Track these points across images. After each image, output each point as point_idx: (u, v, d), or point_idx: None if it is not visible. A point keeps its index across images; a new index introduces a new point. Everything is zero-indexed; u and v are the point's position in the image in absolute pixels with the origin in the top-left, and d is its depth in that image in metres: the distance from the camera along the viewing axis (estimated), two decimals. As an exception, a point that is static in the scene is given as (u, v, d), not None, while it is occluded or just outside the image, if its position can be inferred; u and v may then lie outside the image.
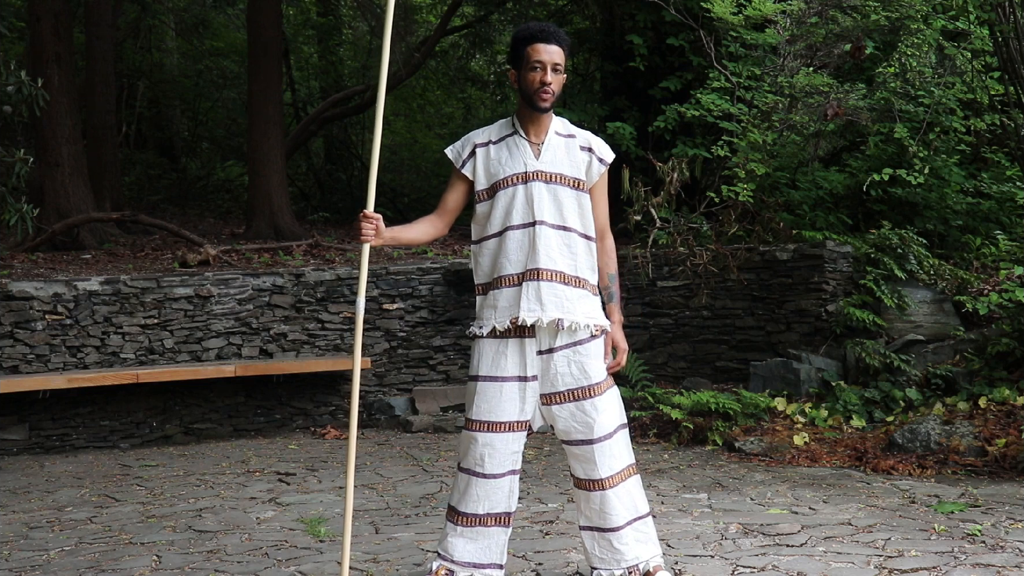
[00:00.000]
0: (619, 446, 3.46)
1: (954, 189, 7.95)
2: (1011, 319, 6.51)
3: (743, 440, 6.32)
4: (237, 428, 7.55)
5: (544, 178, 3.40)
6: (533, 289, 3.35)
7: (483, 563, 3.44)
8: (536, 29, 3.39)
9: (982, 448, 5.64)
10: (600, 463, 3.41)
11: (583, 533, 3.53)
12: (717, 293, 7.69)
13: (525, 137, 3.44)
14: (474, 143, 3.48)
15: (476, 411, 3.41)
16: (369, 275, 8.02)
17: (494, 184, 3.42)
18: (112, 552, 4.33)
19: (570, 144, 3.47)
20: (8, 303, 6.97)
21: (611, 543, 3.45)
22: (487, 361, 3.42)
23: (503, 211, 3.40)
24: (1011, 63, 6.98)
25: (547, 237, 3.37)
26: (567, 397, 3.41)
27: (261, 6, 10.89)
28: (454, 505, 3.47)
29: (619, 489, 3.44)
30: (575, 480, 3.52)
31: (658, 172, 7.77)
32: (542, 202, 3.38)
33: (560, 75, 3.39)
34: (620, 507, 3.44)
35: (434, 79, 16.42)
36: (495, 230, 3.42)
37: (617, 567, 3.47)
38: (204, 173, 16.14)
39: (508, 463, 3.42)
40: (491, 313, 3.42)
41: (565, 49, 3.39)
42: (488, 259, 3.45)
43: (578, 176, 3.45)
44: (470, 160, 3.47)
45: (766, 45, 8.66)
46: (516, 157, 3.41)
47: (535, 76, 3.35)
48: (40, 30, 9.74)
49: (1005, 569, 3.72)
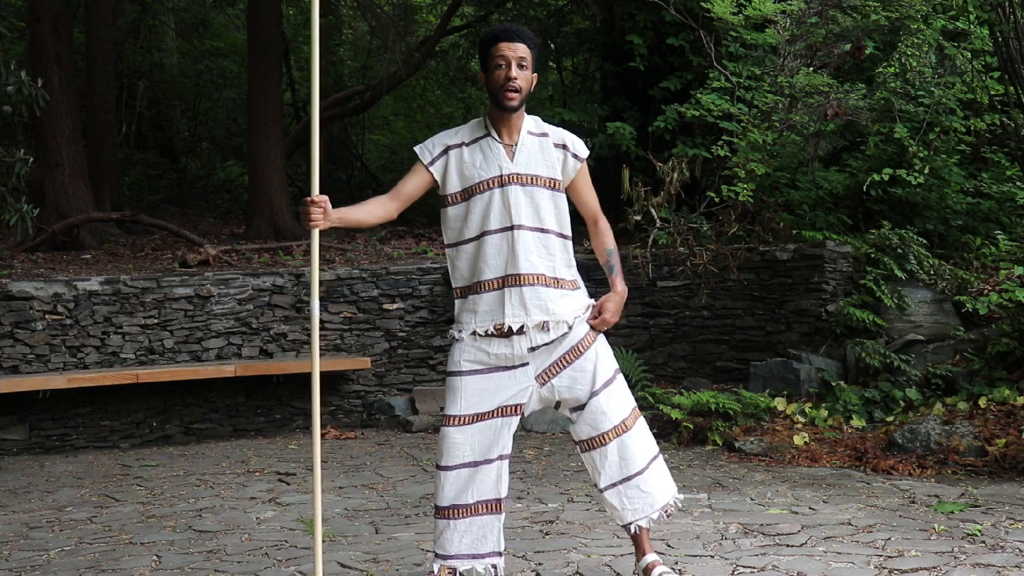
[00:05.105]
0: (621, 390, 3.49)
1: (954, 189, 7.95)
2: (1011, 319, 6.51)
3: (743, 440, 6.33)
4: (237, 428, 7.55)
5: (520, 181, 3.38)
6: (516, 294, 3.36)
7: (482, 553, 3.41)
8: (500, 29, 3.38)
9: (982, 448, 5.64)
10: (609, 411, 3.43)
11: (606, 494, 3.49)
12: (717, 293, 7.69)
13: (498, 139, 3.41)
14: (445, 144, 3.45)
15: (461, 406, 3.39)
16: (369, 275, 8.02)
17: (469, 188, 3.40)
18: (112, 552, 4.33)
19: (543, 143, 3.45)
20: (8, 303, 6.97)
21: (639, 488, 3.45)
22: (469, 356, 3.41)
23: (480, 215, 3.38)
24: (1011, 63, 6.98)
25: (526, 241, 3.36)
26: (560, 365, 3.41)
27: (261, 6, 10.89)
28: (442, 504, 3.42)
29: (632, 432, 3.46)
30: (585, 444, 3.49)
31: (658, 172, 7.77)
32: (519, 206, 3.37)
33: (526, 72, 3.35)
34: (638, 449, 3.47)
35: (434, 79, 16.42)
36: (472, 234, 3.40)
37: (651, 510, 3.48)
38: (204, 173, 16.14)
39: (497, 449, 3.40)
40: (471, 317, 3.42)
41: (532, 47, 3.36)
42: (466, 263, 3.44)
43: (553, 176, 3.44)
44: (440, 160, 3.44)
45: (766, 45, 8.65)
46: (491, 160, 3.39)
47: (500, 73, 3.33)
48: (40, 30, 9.74)
49: (1005, 569, 3.72)
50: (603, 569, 3.89)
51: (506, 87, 3.32)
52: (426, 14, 16.75)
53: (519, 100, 3.35)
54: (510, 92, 3.33)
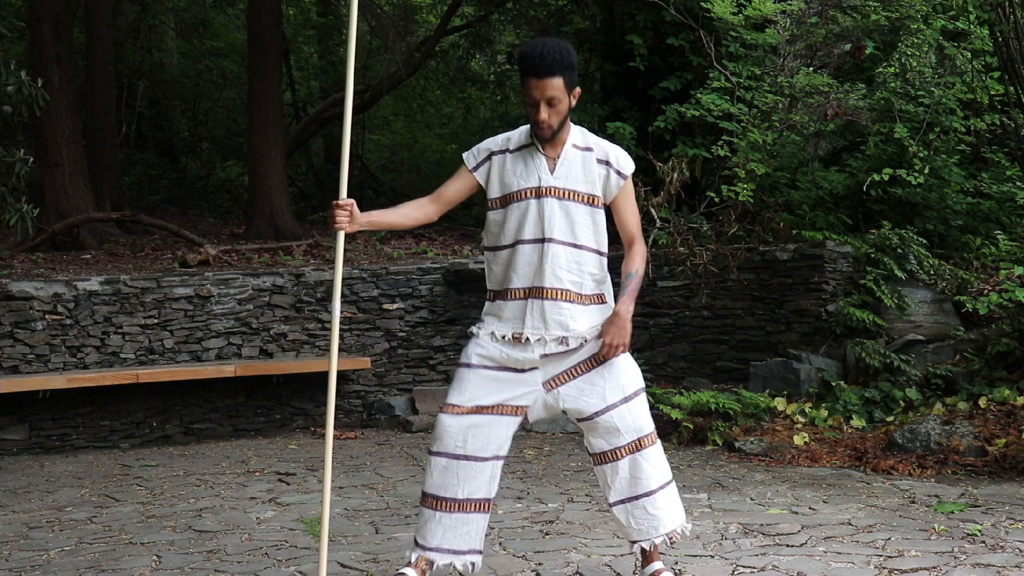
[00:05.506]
0: (640, 409, 3.45)
1: (954, 189, 7.95)
2: (1011, 319, 6.51)
3: (743, 440, 6.33)
4: (237, 428, 7.55)
5: (557, 194, 3.39)
6: (538, 307, 3.37)
7: (462, 550, 3.41)
8: (530, 62, 3.28)
9: (982, 448, 5.64)
10: (624, 427, 3.41)
11: (615, 509, 3.49)
12: (717, 293, 7.69)
13: (541, 150, 3.42)
14: (490, 150, 3.47)
15: (463, 396, 3.39)
16: (369, 275, 8.02)
17: (507, 195, 3.42)
18: (112, 552, 4.33)
19: (587, 158, 3.43)
20: (8, 303, 6.97)
21: (646, 509, 3.44)
22: (482, 351, 3.42)
23: (516, 224, 3.40)
24: (1011, 63, 6.98)
25: (556, 255, 3.37)
26: (571, 374, 3.41)
27: (261, 6, 10.89)
28: (431, 492, 3.41)
29: (647, 452, 3.44)
30: (598, 457, 3.48)
31: (658, 172, 7.77)
32: (553, 219, 3.37)
33: (558, 106, 3.31)
34: (651, 470, 3.44)
35: (434, 79, 16.42)
36: (507, 242, 3.43)
37: (656, 534, 3.47)
38: (204, 173, 16.13)
39: (492, 447, 3.39)
40: (494, 320, 3.45)
41: (564, 75, 3.28)
42: (500, 268, 3.47)
43: (592, 192, 3.42)
44: (484, 165, 3.46)
45: (766, 45, 8.65)
46: (531, 170, 3.40)
47: (531, 110, 3.34)
48: (40, 30, 9.73)
49: (1005, 569, 3.72)
50: (603, 569, 3.89)
51: (537, 126, 3.35)
52: (426, 14, 16.75)
53: (551, 134, 3.36)
54: (541, 130, 3.34)
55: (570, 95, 3.34)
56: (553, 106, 3.31)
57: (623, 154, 3.49)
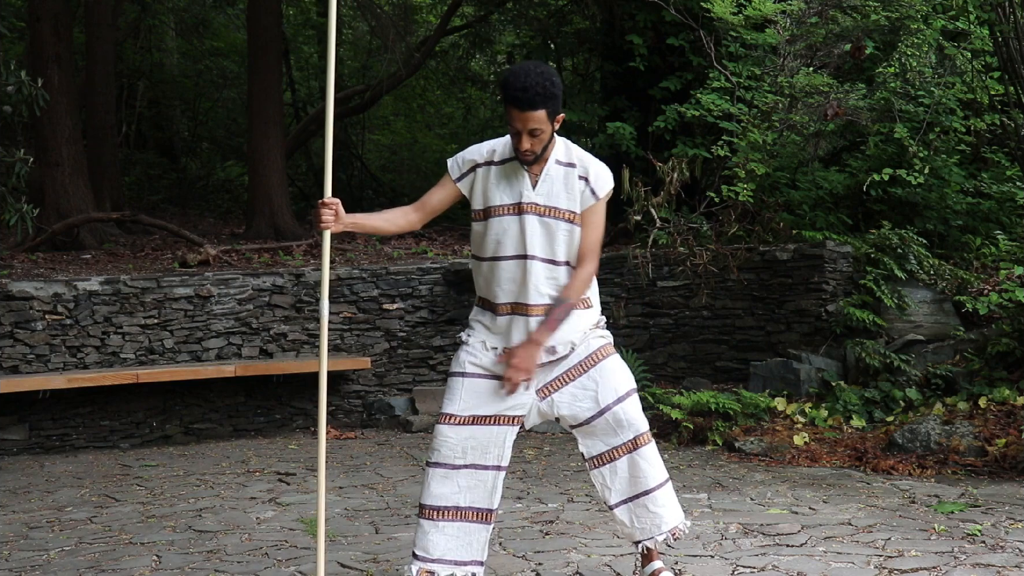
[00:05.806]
0: (634, 410, 3.44)
1: (954, 189, 7.95)
2: (1011, 319, 6.51)
3: (743, 440, 6.33)
4: (237, 428, 7.55)
5: (538, 211, 3.36)
6: (522, 324, 3.37)
7: (464, 560, 3.37)
8: (512, 94, 3.23)
9: (982, 448, 5.64)
10: (619, 427, 3.40)
11: (616, 511, 3.48)
12: (717, 293, 7.69)
13: (524, 166, 3.39)
14: (475, 162, 3.43)
15: (460, 405, 3.37)
16: (369, 275, 8.02)
17: (489, 208, 3.40)
18: (112, 552, 4.33)
19: (568, 174, 3.40)
20: (8, 303, 6.96)
21: (647, 508, 3.44)
22: (474, 359, 3.41)
23: (495, 239, 3.39)
24: (1011, 63, 6.98)
25: (537, 272, 3.36)
26: (563, 381, 3.41)
27: (261, 6, 10.89)
28: (431, 503, 3.37)
29: (643, 451, 3.44)
30: (595, 460, 3.47)
31: (658, 172, 7.77)
32: (534, 236, 3.35)
33: (540, 135, 3.28)
34: (649, 468, 3.45)
35: (434, 79, 16.41)
36: (488, 255, 3.42)
37: (659, 532, 3.47)
38: (204, 173, 16.13)
39: (492, 456, 3.38)
40: (484, 330, 3.45)
41: (547, 107, 3.23)
42: (483, 279, 3.47)
43: (572, 208, 3.40)
44: (468, 176, 3.43)
45: (766, 45, 8.65)
46: (514, 185, 3.38)
47: (513, 139, 3.32)
48: (40, 30, 9.73)
49: (1005, 569, 3.72)
50: (603, 569, 3.89)
51: (520, 153, 3.32)
52: (426, 14, 16.74)
53: (534, 159, 3.33)
54: (524, 157, 3.33)
55: (553, 122, 3.31)
56: (536, 136, 3.29)
57: (604, 174, 3.45)
